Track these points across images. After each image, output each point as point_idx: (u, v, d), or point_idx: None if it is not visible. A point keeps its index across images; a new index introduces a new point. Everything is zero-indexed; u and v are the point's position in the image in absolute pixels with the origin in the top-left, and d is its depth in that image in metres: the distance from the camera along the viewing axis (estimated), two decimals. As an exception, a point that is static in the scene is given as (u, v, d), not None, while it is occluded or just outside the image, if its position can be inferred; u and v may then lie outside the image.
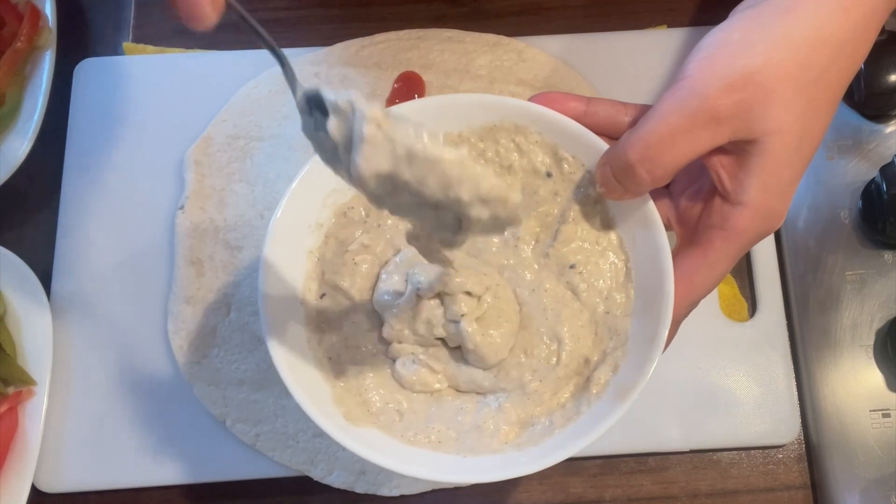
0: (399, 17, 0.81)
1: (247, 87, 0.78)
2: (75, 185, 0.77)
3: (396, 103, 0.75)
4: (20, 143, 0.74)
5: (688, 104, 0.48)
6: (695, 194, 0.53)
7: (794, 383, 0.70)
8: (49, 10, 0.78)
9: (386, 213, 0.54)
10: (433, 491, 0.68)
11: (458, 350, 0.55)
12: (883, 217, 0.69)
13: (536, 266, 0.55)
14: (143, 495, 0.70)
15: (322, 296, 0.55)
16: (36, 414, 0.69)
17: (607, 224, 0.55)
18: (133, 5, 0.84)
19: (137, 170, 0.77)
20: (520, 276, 0.55)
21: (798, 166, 0.50)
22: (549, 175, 0.56)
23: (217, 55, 0.80)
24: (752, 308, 0.72)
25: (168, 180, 0.76)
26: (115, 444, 0.70)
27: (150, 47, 0.82)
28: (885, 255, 0.72)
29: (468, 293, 0.53)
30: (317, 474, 0.68)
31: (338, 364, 0.54)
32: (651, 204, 0.52)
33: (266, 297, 0.52)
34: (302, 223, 0.55)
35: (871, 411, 0.68)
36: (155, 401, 0.71)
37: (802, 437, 0.70)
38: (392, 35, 0.79)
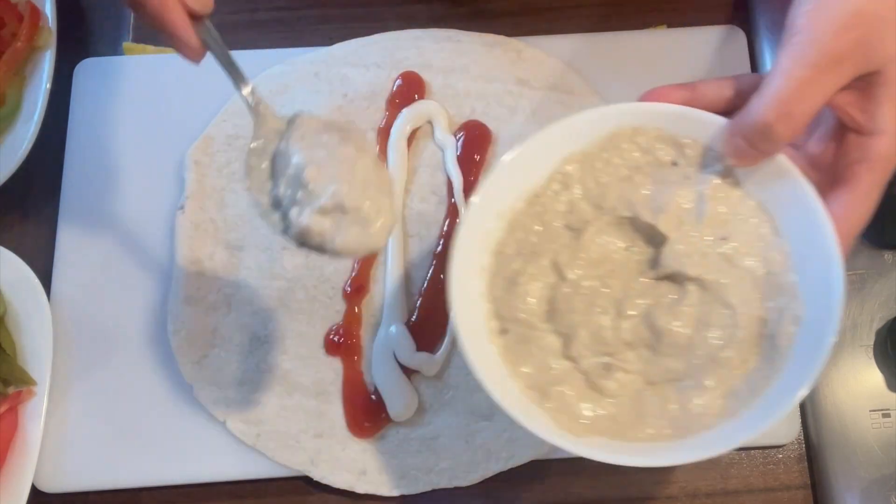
0: (399, 17, 0.81)
1: (247, 86, 0.78)
2: (75, 185, 0.77)
3: (396, 103, 0.76)
4: (20, 143, 0.74)
5: (808, 56, 0.50)
6: (822, 139, 0.55)
7: (794, 383, 0.70)
8: (49, 10, 0.78)
9: (535, 242, 0.59)
10: (433, 490, 0.68)
11: (643, 348, 0.56)
12: (883, 217, 0.69)
13: (690, 247, 0.57)
14: (143, 495, 0.70)
15: (504, 331, 0.58)
16: (36, 414, 0.69)
17: (742, 192, 0.57)
18: (133, 5, 0.84)
19: (137, 170, 0.77)
20: (690, 258, 0.57)
21: None
22: (674, 164, 0.58)
23: (217, 55, 0.80)
24: (752, 308, 0.72)
25: (168, 180, 0.76)
26: (115, 444, 0.70)
27: (150, 47, 0.82)
28: (885, 255, 0.72)
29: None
30: (317, 474, 0.68)
31: (537, 391, 0.56)
32: (783, 157, 0.54)
33: (464, 344, 0.55)
34: (470, 269, 0.58)
35: (871, 411, 0.68)
36: (155, 401, 0.71)
37: (802, 437, 0.70)
38: (392, 35, 0.79)
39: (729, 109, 0.56)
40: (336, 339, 0.71)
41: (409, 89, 0.77)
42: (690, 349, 0.55)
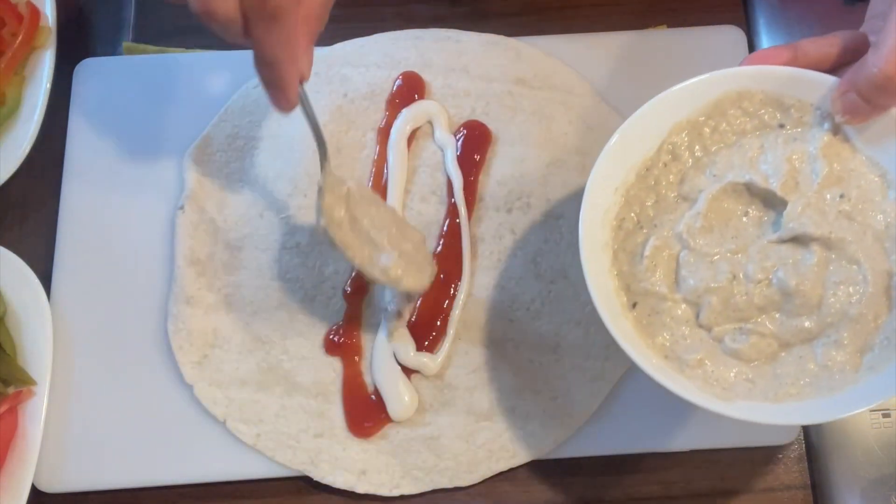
0: (399, 17, 0.81)
1: (247, 87, 0.78)
2: (75, 185, 0.77)
3: (396, 103, 0.76)
4: (20, 143, 0.74)
5: None
6: None
7: (794, 383, 0.70)
8: (49, 10, 0.78)
9: (652, 215, 0.61)
10: (433, 491, 0.68)
11: (775, 311, 0.58)
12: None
13: (809, 207, 0.59)
14: (143, 495, 0.70)
15: (634, 305, 0.60)
16: (36, 414, 0.69)
17: (852, 148, 0.59)
18: (133, 5, 0.84)
19: (137, 170, 0.77)
20: (811, 217, 0.59)
21: None
22: (781, 126, 0.60)
23: (217, 55, 0.80)
24: (752, 308, 0.73)
25: (168, 180, 0.76)
26: (115, 444, 0.70)
27: (150, 47, 0.82)
28: (886, 255, 0.72)
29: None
30: (317, 474, 0.68)
31: (675, 361, 0.58)
32: (894, 109, 0.56)
33: (606, 320, 0.57)
34: (594, 245, 0.60)
35: (871, 411, 0.68)
36: (155, 401, 0.71)
37: (802, 437, 0.70)
38: (392, 35, 0.79)
39: (832, 68, 0.57)
40: (336, 339, 0.71)
41: (409, 89, 0.77)
42: (822, 308, 0.57)
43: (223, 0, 0.53)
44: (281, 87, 0.60)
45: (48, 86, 0.76)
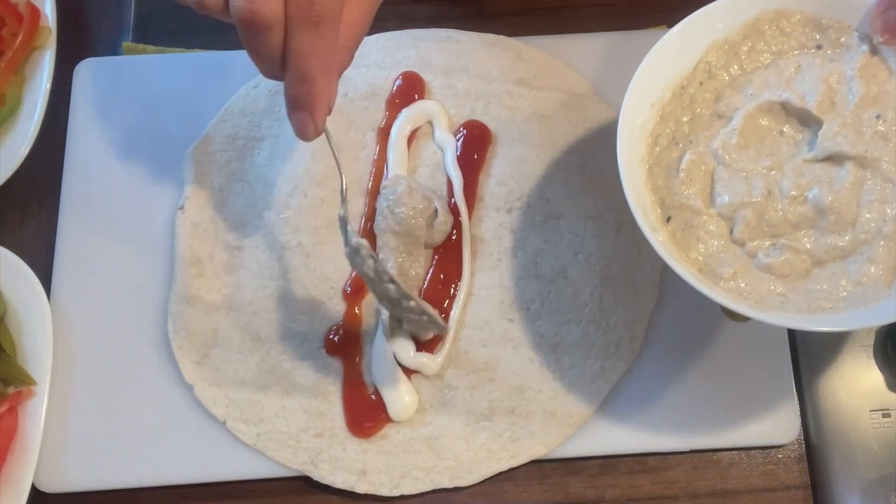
0: (399, 16, 0.81)
1: (247, 87, 0.78)
2: (75, 185, 0.77)
3: (396, 103, 0.76)
4: (20, 143, 0.75)
5: None
6: None
7: (793, 383, 0.70)
8: (49, 10, 0.78)
9: (687, 132, 0.63)
10: (433, 491, 0.68)
11: (809, 228, 0.59)
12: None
13: (845, 127, 0.59)
14: (143, 495, 0.70)
15: (668, 219, 0.61)
16: (36, 414, 0.69)
17: (889, 69, 0.60)
18: (133, 5, 0.84)
19: (137, 170, 0.77)
20: (846, 136, 0.59)
21: None
22: (819, 47, 0.61)
23: (217, 55, 0.80)
24: (752, 308, 0.73)
25: (168, 180, 0.76)
26: (116, 444, 0.70)
27: (150, 47, 0.82)
28: (886, 255, 0.72)
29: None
30: (317, 474, 0.68)
31: (709, 274, 0.59)
32: None
33: (646, 231, 0.58)
34: (633, 159, 0.61)
35: (871, 411, 0.68)
36: (155, 401, 0.71)
37: (802, 437, 0.70)
38: (392, 35, 0.79)
39: None
40: (336, 339, 0.71)
41: (409, 89, 0.77)
42: (856, 226, 0.58)
43: (269, 1, 0.52)
44: (310, 109, 0.57)
45: (48, 86, 0.76)
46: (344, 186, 0.65)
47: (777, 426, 0.69)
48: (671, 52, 0.62)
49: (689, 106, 0.63)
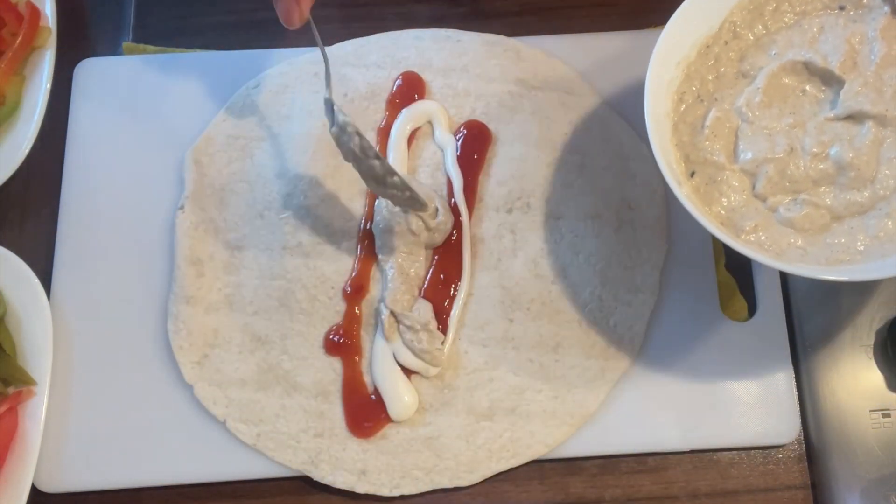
0: (399, 17, 0.81)
1: (247, 87, 0.78)
2: (75, 185, 0.77)
3: (396, 103, 0.76)
4: (20, 143, 0.75)
5: None
6: None
7: (794, 383, 0.70)
8: (49, 10, 0.78)
9: (712, 90, 0.64)
10: (433, 491, 0.68)
11: (829, 184, 0.60)
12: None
13: (867, 86, 0.61)
14: (143, 495, 0.70)
15: (692, 174, 0.63)
16: (36, 414, 0.69)
17: None
18: (133, 5, 0.84)
19: (137, 170, 0.77)
20: (867, 96, 0.61)
21: None
22: (842, 8, 0.63)
23: (217, 55, 0.80)
24: (752, 308, 0.72)
25: (168, 180, 0.76)
26: (115, 444, 0.70)
27: (150, 47, 0.82)
28: (886, 255, 0.72)
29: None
30: (317, 474, 0.68)
31: (731, 227, 0.61)
32: None
33: (672, 185, 0.60)
34: (659, 115, 0.63)
35: (871, 411, 0.68)
36: (155, 401, 0.71)
37: (802, 437, 0.70)
38: (392, 35, 0.79)
39: None
40: (336, 339, 0.71)
41: (409, 89, 0.77)
42: (875, 182, 0.60)
43: None
44: None
45: (48, 86, 0.76)
46: (329, 71, 0.67)
47: (777, 426, 0.69)
48: (697, 12, 0.64)
49: (714, 65, 0.65)
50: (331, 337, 0.71)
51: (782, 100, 0.63)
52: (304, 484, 0.70)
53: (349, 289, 0.72)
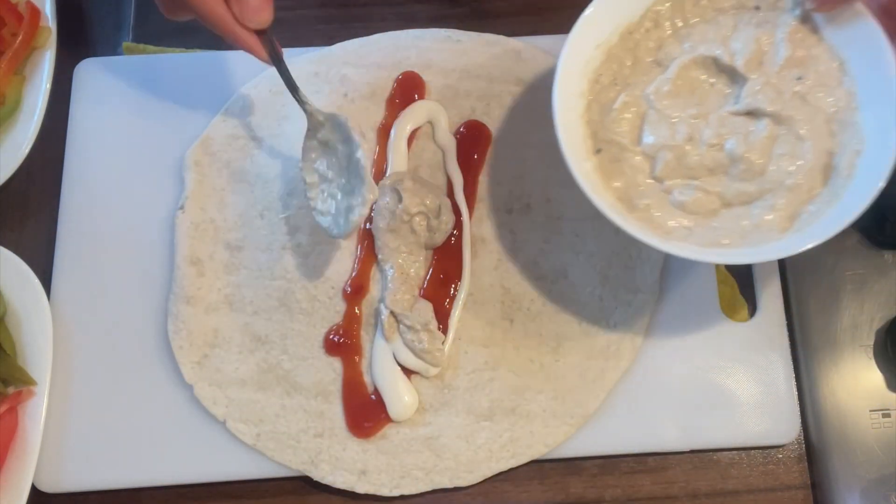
0: (399, 17, 0.81)
1: (247, 87, 0.78)
2: (75, 184, 0.77)
3: (396, 103, 0.76)
4: (20, 143, 0.75)
5: None
6: None
7: (794, 383, 0.70)
8: (49, 10, 0.78)
9: (627, 74, 0.67)
10: (433, 491, 0.68)
11: (722, 174, 0.63)
12: (883, 217, 0.69)
13: (768, 86, 0.64)
14: (143, 495, 0.70)
15: (598, 151, 0.65)
16: (36, 414, 0.69)
17: (818, 36, 0.64)
18: (133, 5, 0.84)
19: (137, 170, 0.77)
20: (767, 95, 0.64)
21: None
22: (757, 8, 0.65)
23: (217, 55, 0.80)
24: (752, 308, 0.73)
25: (168, 180, 0.76)
26: (115, 445, 0.70)
27: (150, 47, 0.82)
28: (885, 255, 0.72)
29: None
30: (317, 474, 0.68)
31: (626, 203, 0.64)
32: (859, 3, 0.60)
33: (567, 158, 0.63)
34: (570, 92, 0.66)
35: (871, 411, 0.68)
36: (155, 401, 0.71)
37: (802, 437, 0.70)
38: (391, 35, 0.79)
39: None
40: (336, 339, 0.71)
41: (409, 89, 0.77)
42: (764, 176, 0.62)
43: None
44: (244, 49, 0.64)
45: (48, 86, 0.76)
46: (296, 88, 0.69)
47: (777, 426, 0.69)
48: None
49: (632, 50, 0.67)
50: (331, 337, 0.71)
51: (690, 91, 0.65)
52: (304, 484, 0.70)
53: (349, 289, 0.72)
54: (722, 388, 0.70)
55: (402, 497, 0.69)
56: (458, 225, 0.73)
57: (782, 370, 0.70)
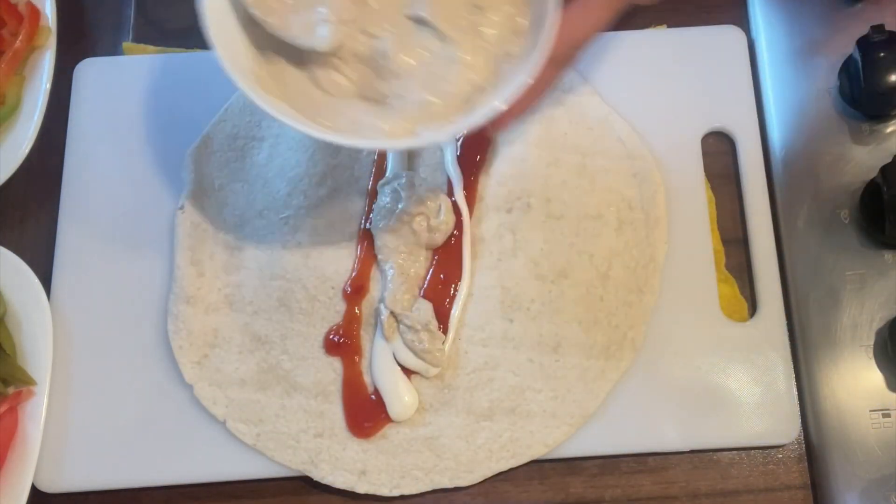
0: (399, 17, 0.81)
1: (247, 87, 0.78)
2: (75, 184, 0.77)
3: (396, 103, 0.76)
4: (20, 143, 0.75)
5: None
6: None
7: (794, 383, 0.70)
8: (49, 10, 0.78)
9: None
10: (433, 491, 0.68)
11: (369, 67, 0.62)
12: (883, 217, 0.69)
13: (447, 6, 0.63)
14: (143, 495, 0.70)
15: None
16: (36, 414, 0.69)
17: None
18: (133, 5, 0.84)
19: (137, 170, 0.77)
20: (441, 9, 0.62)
21: None
22: None
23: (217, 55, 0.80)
24: (752, 308, 0.73)
25: (168, 180, 0.76)
26: (115, 444, 0.70)
27: (150, 47, 0.82)
28: (885, 255, 0.72)
29: None
30: (317, 474, 0.68)
31: (269, 81, 0.63)
32: None
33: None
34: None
35: (871, 411, 0.68)
36: (155, 401, 0.71)
37: (802, 437, 0.70)
38: (392, 35, 0.79)
39: None
40: (336, 339, 0.71)
41: (409, 89, 0.77)
42: (400, 79, 0.62)
43: None
44: None
45: (48, 86, 0.76)
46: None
47: (777, 426, 0.69)
48: None
49: None
50: (331, 337, 0.71)
51: None
52: (304, 484, 0.70)
53: (349, 289, 0.72)
54: (722, 387, 0.70)
55: (402, 497, 0.69)
56: (459, 225, 0.73)
57: (782, 370, 0.70)
